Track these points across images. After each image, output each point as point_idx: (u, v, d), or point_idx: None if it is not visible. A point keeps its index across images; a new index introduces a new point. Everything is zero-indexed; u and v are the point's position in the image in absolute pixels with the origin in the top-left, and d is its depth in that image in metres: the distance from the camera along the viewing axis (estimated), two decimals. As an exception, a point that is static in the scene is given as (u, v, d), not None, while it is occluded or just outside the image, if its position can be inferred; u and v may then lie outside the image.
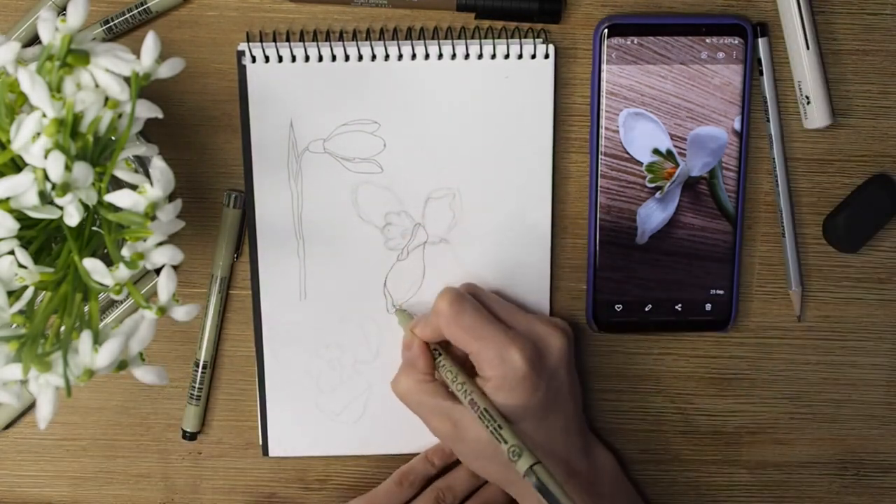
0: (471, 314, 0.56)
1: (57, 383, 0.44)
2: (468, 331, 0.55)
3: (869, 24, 0.59)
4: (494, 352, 0.55)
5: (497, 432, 0.53)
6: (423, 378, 0.58)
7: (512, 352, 0.54)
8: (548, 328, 0.57)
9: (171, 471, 0.64)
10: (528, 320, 0.57)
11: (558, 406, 0.57)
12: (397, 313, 0.61)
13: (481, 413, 0.54)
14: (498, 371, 0.55)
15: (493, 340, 0.55)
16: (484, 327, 0.55)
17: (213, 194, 0.60)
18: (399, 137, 0.59)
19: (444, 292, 0.57)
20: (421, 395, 0.57)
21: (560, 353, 0.57)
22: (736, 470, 0.65)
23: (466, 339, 0.55)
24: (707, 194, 0.60)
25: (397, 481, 0.62)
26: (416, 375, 0.58)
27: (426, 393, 0.57)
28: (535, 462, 0.50)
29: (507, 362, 0.54)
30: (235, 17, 0.58)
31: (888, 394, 0.64)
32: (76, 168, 0.42)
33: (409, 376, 0.58)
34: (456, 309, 0.56)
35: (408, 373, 0.58)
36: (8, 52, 0.43)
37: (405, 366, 0.59)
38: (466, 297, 0.56)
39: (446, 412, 0.56)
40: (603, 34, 0.58)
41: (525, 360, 0.54)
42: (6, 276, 0.45)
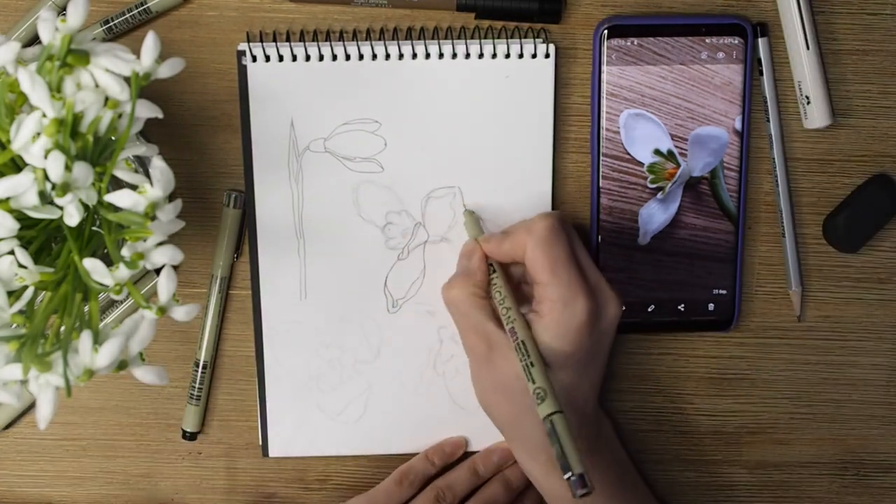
0: (561, 246, 0.54)
1: (57, 383, 0.44)
2: (551, 261, 0.54)
3: (869, 24, 0.59)
4: (561, 293, 0.54)
5: (528, 369, 0.52)
6: (477, 291, 0.56)
7: (579, 300, 0.54)
8: (612, 292, 0.56)
9: (171, 471, 0.64)
10: (599, 277, 0.56)
11: (592, 367, 0.56)
12: (466, 214, 0.60)
13: (519, 344, 0.53)
14: (557, 312, 0.54)
15: (567, 282, 0.54)
16: (565, 265, 0.54)
17: (213, 194, 0.60)
18: (400, 137, 0.59)
19: (545, 215, 0.55)
20: (469, 308, 0.56)
21: (613, 319, 0.56)
22: (736, 470, 0.65)
23: (545, 267, 0.54)
24: (709, 194, 0.60)
25: (397, 480, 0.62)
26: (472, 287, 0.57)
27: (476, 307, 0.56)
28: (557, 410, 0.50)
29: (569, 307, 0.54)
30: (235, 17, 0.58)
31: (888, 394, 0.64)
32: (76, 168, 0.42)
33: (464, 286, 0.57)
34: (553, 236, 0.54)
35: (463, 281, 0.57)
36: (8, 52, 0.43)
37: (462, 274, 0.58)
38: (562, 228, 0.55)
39: (487, 333, 0.56)
40: (603, 35, 0.58)
41: (587, 312, 0.54)
42: (6, 276, 0.45)
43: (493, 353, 0.55)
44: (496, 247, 0.57)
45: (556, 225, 0.55)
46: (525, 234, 0.55)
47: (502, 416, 0.57)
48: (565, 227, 0.56)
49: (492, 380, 0.56)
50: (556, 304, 0.54)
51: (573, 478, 0.48)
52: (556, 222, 0.55)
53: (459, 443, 0.63)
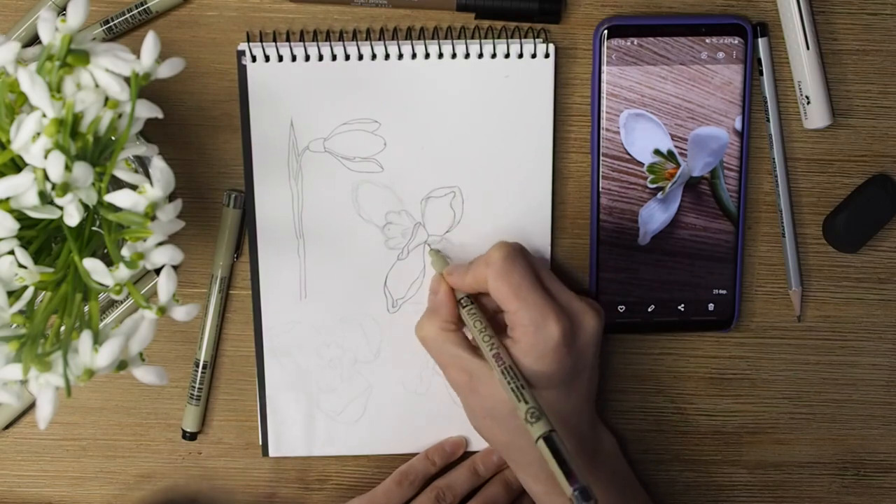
0: (520, 273, 0.55)
1: (57, 383, 0.44)
2: (513, 288, 0.54)
3: (869, 24, 0.59)
4: (532, 317, 0.54)
5: (519, 391, 0.52)
6: (446, 326, 0.57)
7: (549, 321, 0.54)
8: (585, 307, 0.56)
9: (171, 471, 0.64)
10: (568, 295, 0.56)
11: (578, 384, 0.56)
12: (431, 253, 0.60)
13: (505, 369, 0.53)
14: (530, 336, 0.54)
15: (534, 305, 0.54)
16: (529, 289, 0.54)
17: (213, 194, 0.60)
18: (399, 137, 0.59)
19: (500, 245, 0.56)
20: (442, 343, 0.57)
21: (591, 334, 0.56)
22: (736, 470, 0.65)
23: (509, 296, 0.54)
24: (709, 194, 0.60)
25: (397, 481, 0.62)
26: (440, 323, 0.57)
27: (448, 342, 0.57)
28: (551, 430, 0.50)
29: (541, 330, 0.54)
30: (235, 17, 0.58)
31: (888, 394, 0.64)
32: (76, 168, 0.42)
33: (432, 322, 0.58)
34: (509, 264, 0.55)
35: (431, 319, 0.58)
36: (8, 52, 0.43)
37: (429, 311, 0.59)
38: (519, 255, 0.56)
39: (464, 364, 0.56)
40: (603, 35, 0.58)
41: (560, 331, 0.54)
42: (6, 276, 0.45)
43: (473, 381, 0.56)
44: (459, 279, 0.57)
45: (511, 253, 0.55)
46: (484, 268, 0.55)
47: (497, 440, 0.58)
48: (522, 253, 0.56)
49: (479, 407, 0.57)
50: (528, 328, 0.54)
51: (575, 493, 0.48)
52: (510, 250, 0.55)
53: (459, 442, 0.63)
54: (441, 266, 0.59)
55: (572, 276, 0.62)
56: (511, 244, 0.56)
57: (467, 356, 0.56)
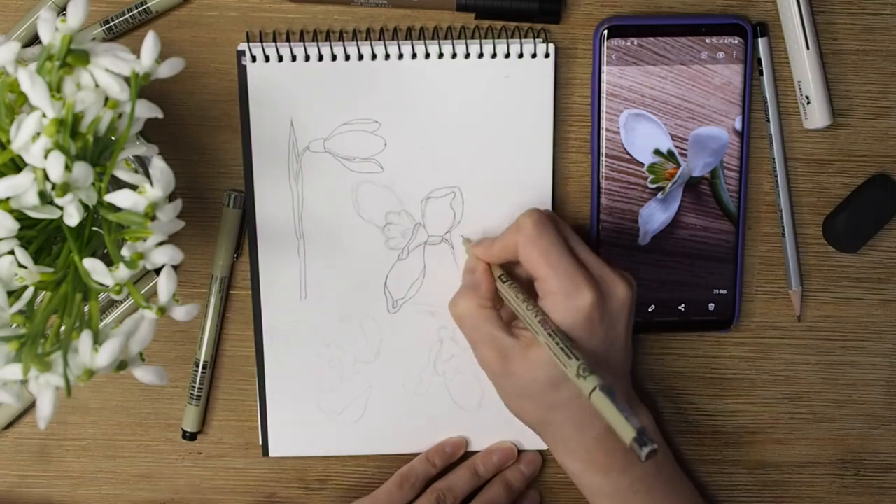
0: (551, 238, 0.54)
1: (57, 383, 0.44)
2: (544, 254, 0.54)
3: (869, 24, 0.59)
4: (563, 283, 0.53)
5: (569, 350, 0.51)
6: (483, 303, 0.56)
7: (580, 288, 0.53)
8: (616, 276, 0.55)
9: (171, 471, 0.64)
10: (599, 263, 0.55)
11: (611, 356, 0.55)
12: (464, 243, 0.60)
13: (553, 332, 0.52)
14: (560, 304, 0.53)
15: (565, 272, 0.53)
16: (560, 256, 0.54)
17: (213, 194, 0.60)
18: (399, 137, 0.59)
19: (531, 211, 0.55)
20: (478, 321, 0.56)
21: (623, 303, 0.55)
22: (736, 470, 0.65)
23: (540, 262, 0.54)
24: (709, 194, 0.60)
25: (398, 483, 0.62)
26: (477, 300, 0.56)
27: (484, 319, 0.56)
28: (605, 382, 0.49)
29: (572, 298, 0.53)
30: (235, 17, 0.58)
31: (888, 394, 0.64)
32: (76, 168, 0.42)
33: (469, 299, 0.57)
34: (539, 230, 0.54)
35: (468, 295, 0.57)
36: (8, 52, 0.43)
37: (466, 288, 0.58)
38: (549, 221, 0.55)
39: (500, 344, 0.55)
40: (603, 36, 0.58)
41: (591, 300, 0.53)
42: (6, 276, 0.45)
43: (507, 362, 0.55)
44: (486, 250, 0.57)
45: (542, 219, 0.55)
46: (514, 234, 0.55)
47: (532, 419, 0.57)
48: (553, 220, 0.56)
49: (513, 387, 0.56)
50: (559, 295, 0.53)
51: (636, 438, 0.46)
52: (542, 216, 0.55)
53: (460, 443, 0.63)
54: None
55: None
56: (542, 210, 0.56)
57: (502, 335, 0.55)
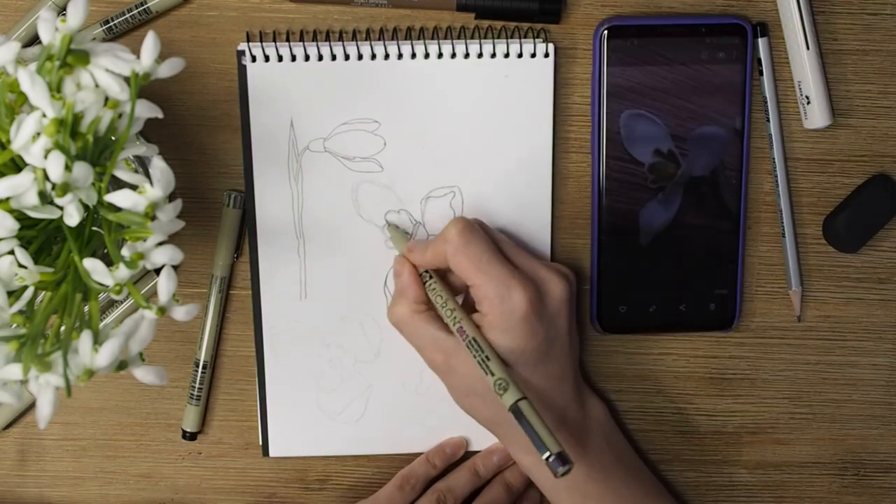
0: (479, 245, 0.54)
1: (57, 383, 0.44)
2: (474, 262, 0.54)
3: (869, 24, 0.59)
4: (496, 288, 0.53)
5: (484, 363, 0.52)
6: (416, 307, 0.56)
7: (514, 291, 0.53)
8: (551, 273, 0.56)
9: (171, 471, 0.64)
10: (532, 263, 0.56)
11: (555, 353, 0.56)
12: (389, 229, 0.60)
13: (469, 342, 0.53)
14: (496, 309, 0.53)
15: (496, 276, 0.54)
16: (490, 261, 0.54)
17: (213, 194, 0.60)
18: (399, 136, 0.59)
19: (456, 220, 0.55)
20: (415, 325, 0.56)
21: (561, 299, 0.56)
22: (736, 470, 0.65)
23: (471, 270, 0.54)
24: (709, 194, 0.60)
25: (398, 485, 0.62)
26: (409, 305, 0.56)
27: (420, 322, 0.56)
28: (521, 398, 0.50)
29: (507, 301, 0.53)
30: (235, 17, 0.58)
31: (888, 394, 0.64)
32: (76, 168, 0.42)
33: (401, 305, 0.57)
34: (466, 238, 0.54)
35: (400, 301, 0.57)
36: (8, 52, 0.43)
37: (397, 293, 0.58)
38: (477, 228, 0.55)
39: (439, 343, 0.55)
40: (603, 36, 0.58)
41: (526, 301, 0.53)
42: (6, 276, 0.45)
43: (451, 359, 0.56)
44: (420, 256, 0.57)
45: (468, 226, 0.55)
46: (442, 244, 0.55)
47: (482, 416, 0.58)
48: (481, 226, 0.56)
49: (460, 385, 0.56)
50: (494, 300, 0.54)
51: (551, 458, 0.48)
52: (467, 224, 0.55)
53: (460, 443, 0.63)
54: (401, 244, 0.58)
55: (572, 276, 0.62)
56: (466, 218, 0.56)
57: (442, 335, 0.55)
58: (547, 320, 0.55)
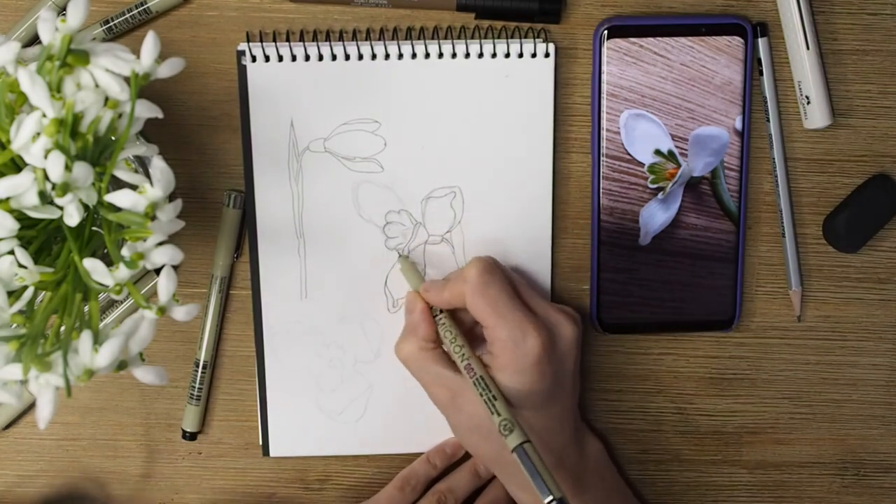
0: (498, 288, 0.55)
1: (57, 383, 0.44)
2: (491, 304, 0.54)
3: (869, 24, 0.59)
4: (511, 332, 0.54)
5: (491, 403, 0.52)
6: (425, 345, 0.57)
7: (529, 336, 0.54)
8: (562, 316, 0.56)
9: (171, 471, 0.64)
10: (545, 306, 0.56)
11: (559, 395, 0.56)
12: (401, 261, 0.60)
13: (477, 380, 0.53)
14: (509, 352, 0.54)
15: (512, 320, 0.54)
16: (507, 305, 0.54)
17: (213, 194, 0.60)
18: (399, 136, 0.59)
19: (476, 261, 0.56)
20: (423, 362, 0.57)
21: (570, 343, 0.56)
22: (736, 470, 0.65)
23: (487, 312, 0.54)
24: (709, 194, 0.60)
25: (399, 486, 0.62)
26: (418, 342, 0.57)
27: (428, 360, 0.57)
28: (525, 440, 0.50)
29: (521, 345, 0.54)
30: (235, 17, 0.58)
31: (888, 394, 0.64)
32: (76, 168, 0.42)
33: (410, 342, 0.57)
34: (486, 280, 0.55)
35: (409, 339, 0.57)
36: (8, 52, 0.43)
37: (407, 330, 0.58)
38: (496, 270, 0.56)
39: (446, 381, 0.56)
40: (603, 36, 0.58)
41: (540, 346, 0.54)
42: (6, 276, 0.45)
43: (456, 398, 0.56)
44: (437, 296, 0.57)
45: (487, 268, 0.55)
46: (461, 284, 0.55)
47: (483, 454, 0.58)
48: (499, 268, 0.56)
49: (464, 423, 0.57)
50: (507, 343, 0.54)
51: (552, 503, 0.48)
52: (487, 265, 0.55)
53: (460, 444, 0.63)
54: (414, 280, 0.59)
55: (572, 277, 0.62)
56: (486, 259, 0.56)
57: (449, 374, 0.56)
58: (556, 363, 0.55)
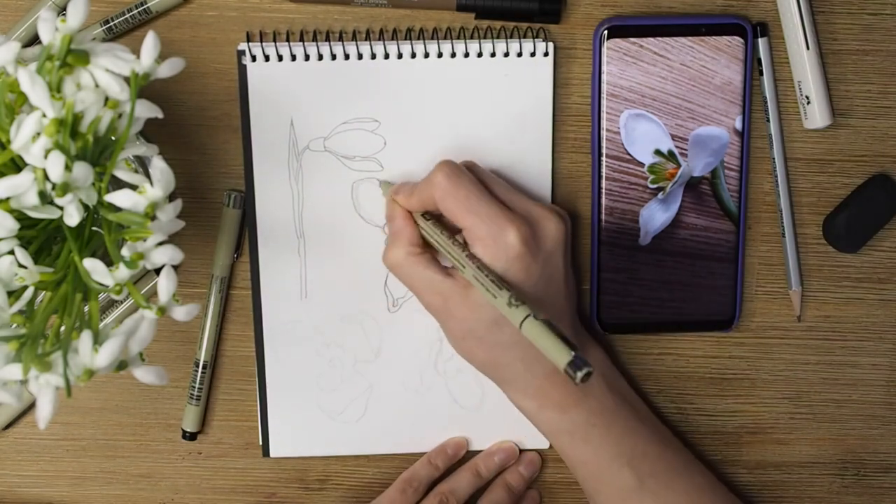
0: (468, 187, 0.54)
1: (57, 383, 0.44)
2: (464, 203, 0.53)
3: (869, 24, 0.59)
4: (489, 228, 0.53)
5: (498, 282, 0.50)
6: (412, 250, 0.55)
7: (507, 230, 0.53)
8: (545, 211, 0.55)
9: (171, 471, 0.64)
10: (525, 202, 0.55)
11: (551, 294, 0.55)
12: (382, 185, 0.59)
13: (480, 265, 0.52)
14: (490, 249, 0.53)
15: (488, 216, 0.53)
16: (480, 202, 0.53)
17: (213, 194, 0.60)
18: (399, 136, 0.59)
19: (442, 163, 0.55)
20: (411, 267, 0.55)
21: (556, 238, 0.55)
22: (736, 470, 0.65)
23: (461, 212, 0.53)
24: (709, 194, 0.60)
25: (401, 489, 0.62)
26: (405, 247, 0.55)
27: (418, 265, 0.55)
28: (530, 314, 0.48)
29: (500, 240, 0.53)
30: (235, 17, 0.58)
31: (888, 394, 0.64)
32: (76, 168, 0.42)
33: (397, 247, 0.56)
34: (454, 181, 0.54)
35: (396, 244, 0.56)
36: (8, 52, 0.43)
37: (392, 237, 0.57)
38: (464, 170, 0.55)
39: (438, 286, 0.54)
40: (602, 36, 0.58)
41: (520, 239, 0.53)
42: (6, 276, 0.45)
43: (448, 302, 0.54)
44: (406, 200, 0.56)
45: (454, 169, 0.54)
46: (430, 188, 0.54)
47: (480, 360, 0.56)
48: (464, 169, 0.55)
49: (458, 328, 0.55)
50: (487, 240, 0.53)
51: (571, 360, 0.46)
52: (452, 167, 0.54)
53: (461, 443, 0.63)
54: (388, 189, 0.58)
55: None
56: (453, 162, 0.55)
57: (440, 278, 0.54)
58: (542, 259, 0.54)
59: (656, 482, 0.58)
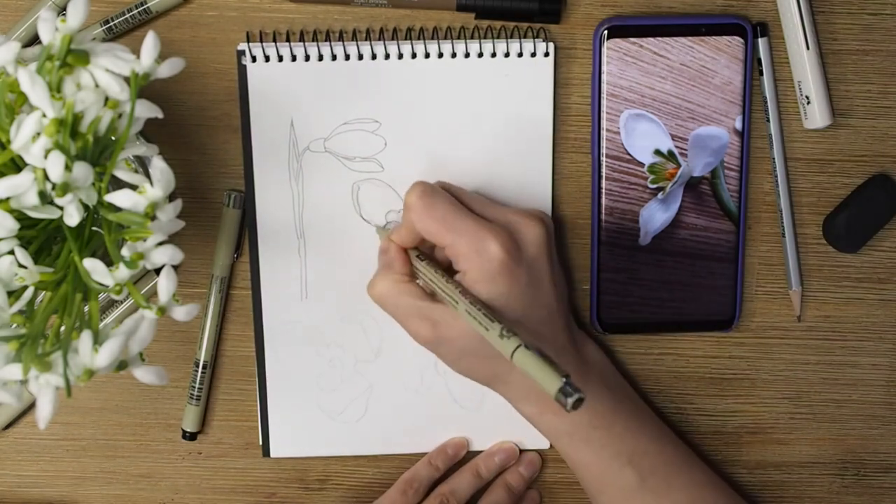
0: (442, 205, 0.54)
1: (57, 383, 0.44)
2: (441, 222, 0.54)
3: (869, 24, 0.59)
4: (469, 243, 0.53)
5: (489, 316, 0.50)
6: (399, 279, 0.56)
7: (488, 242, 0.53)
8: (524, 218, 0.55)
9: (171, 471, 0.64)
10: (503, 211, 0.56)
11: (541, 298, 0.55)
12: (378, 231, 0.60)
13: (473, 300, 0.52)
14: (474, 263, 0.53)
15: (466, 232, 0.53)
16: (457, 219, 0.54)
17: (213, 194, 0.60)
18: (399, 136, 0.59)
19: (415, 185, 0.55)
20: (398, 297, 0.55)
21: (538, 242, 0.55)
22: (736, 470, 0.65)
23: (440, 231, 0.54)
24: (709, 194, 0.60)
25: (402, 490, 0.62)
26: (393, 276, 0.56)
27: (404, 293, 0.55)
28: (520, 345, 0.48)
29: (483, 253, 0.53)
30: (235, 17, 0.58)
31: (888, 394, 0.64)
32: (76, 168, 0.42)
33: (385, 277, 0.56)
34: (427, 201, 0.54)
35: (384, 274, 0.56)
36: (8, 52, 0.43)
37: (381, 269, 0.57)
38: (437, 189, 0.55)
39: (425, 313, 0.54)
40: (602, 36, 0.58)
41: (501, 249, 0.53)
42: (6, 276, 0.45)
43: (438, 329, 0.54)
44: (398, 235, 0.56)
45: (427, 189, 0.55)
46: (407, 213, 0.55)
47: (481, 375, 0.57)
48: (438, 188, 0.55)
49: (453, 350, 0.55)
50: (470, 255, 0.53)
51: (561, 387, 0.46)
52: (424, 188, 0.55)
53: (461, 444, 0.63)
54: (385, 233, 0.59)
55: (572, 276, 0.62)
56: (425, 183, 0.56)
57: (426, 304, 0.55)
58: (526, 265, 0.54)
59: (657, 479, 0.58)
